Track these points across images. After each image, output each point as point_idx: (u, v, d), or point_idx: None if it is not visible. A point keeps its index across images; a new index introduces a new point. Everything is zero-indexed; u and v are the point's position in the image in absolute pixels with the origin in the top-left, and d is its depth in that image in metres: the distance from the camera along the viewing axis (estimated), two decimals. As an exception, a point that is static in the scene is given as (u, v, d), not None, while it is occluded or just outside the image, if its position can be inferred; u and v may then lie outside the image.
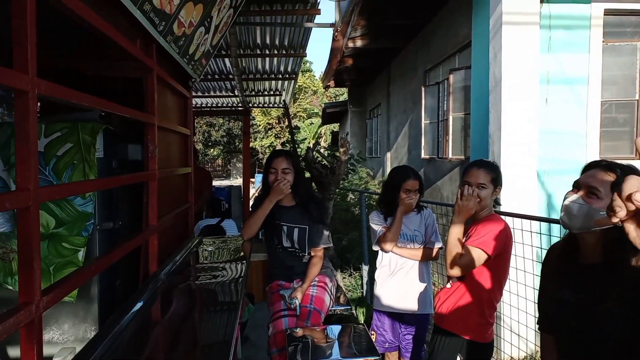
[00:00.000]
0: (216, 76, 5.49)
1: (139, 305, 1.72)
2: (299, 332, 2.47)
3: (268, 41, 4.38)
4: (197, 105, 7.26)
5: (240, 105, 7.24)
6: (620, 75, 4.92)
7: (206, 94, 6.52)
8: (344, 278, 5.76)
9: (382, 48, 9.30)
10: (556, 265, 1.71)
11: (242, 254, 2.89)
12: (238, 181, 19.75)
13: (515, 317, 3.13)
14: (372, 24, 7.81)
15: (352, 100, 15.22)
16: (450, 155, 6.67)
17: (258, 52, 4.65)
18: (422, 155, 7.97)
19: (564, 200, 1.58)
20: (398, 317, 2.91)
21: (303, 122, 25.41)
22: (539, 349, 1.85)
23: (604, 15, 4.68)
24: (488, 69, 4.76)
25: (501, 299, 2.44)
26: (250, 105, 7.48)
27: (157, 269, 2.06)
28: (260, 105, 7.67)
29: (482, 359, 2.45)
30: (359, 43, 8.80)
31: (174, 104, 2.67)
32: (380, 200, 2.97)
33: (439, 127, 7.13)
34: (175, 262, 2.37)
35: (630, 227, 0.83)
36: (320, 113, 21.11)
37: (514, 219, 2.88)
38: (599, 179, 1.51)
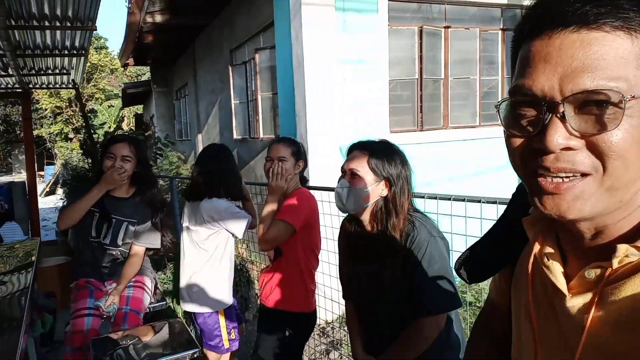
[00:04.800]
0: (-21, 51, 4.52)
1: None
2: (115, 336, 2.25)
3: (47, 11, 3.73)
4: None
5: (17, 86, 6.12)
6: (403, 56, 5.55)
7: (-33, 74, 5.34)
8: (158, 272, 5.42)
9: (185, 24, 8.84)
10: (346, 240, 1.85)
11: (28, 261, 2.46)
12: (22, 176, 17.01)
13: (327, 284, 3.32)
14: (171, -2, 7.36)
15: (156, 79, 14.22)
16: (261, 135, 6.75)
17: (35, 23, 3.94)
18: (235, 136, 7.90)
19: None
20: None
21: (101, 104, 22.98)
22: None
23: (389, 0, 5.16)
24: (291, 48, 4.88)
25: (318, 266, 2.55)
26: (31, 86, 6.39)
27: None
28: (45, 86, 6.62)
29: (308, 327, 2.57)
30: (158, 18, 8.19)
31: None
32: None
33: (249, 107, 7.13)
34: None
35: None
36: (121, 94, 19.32)
37: (322, 192, 3.03)
38: (356, 160, 1.67)
